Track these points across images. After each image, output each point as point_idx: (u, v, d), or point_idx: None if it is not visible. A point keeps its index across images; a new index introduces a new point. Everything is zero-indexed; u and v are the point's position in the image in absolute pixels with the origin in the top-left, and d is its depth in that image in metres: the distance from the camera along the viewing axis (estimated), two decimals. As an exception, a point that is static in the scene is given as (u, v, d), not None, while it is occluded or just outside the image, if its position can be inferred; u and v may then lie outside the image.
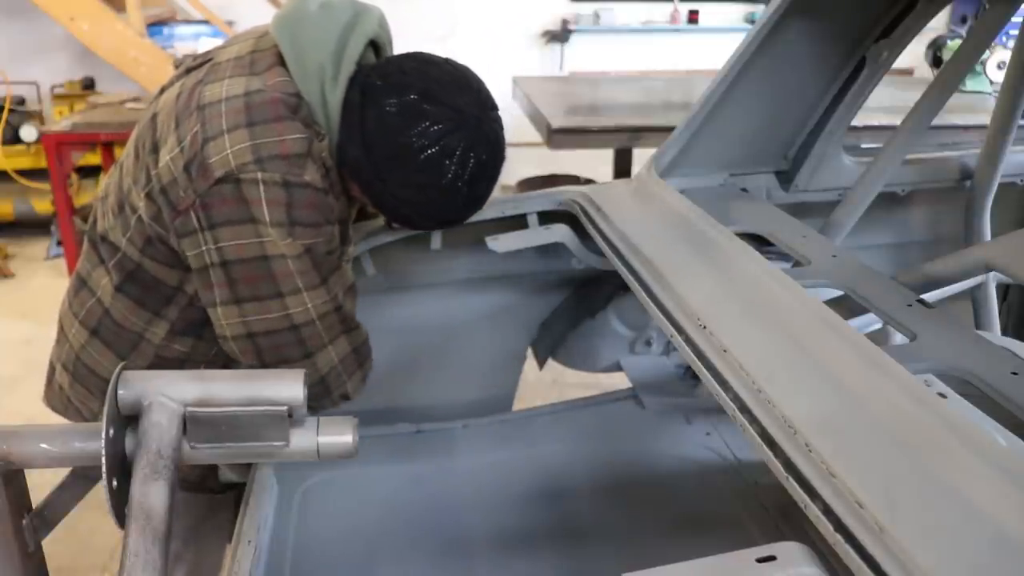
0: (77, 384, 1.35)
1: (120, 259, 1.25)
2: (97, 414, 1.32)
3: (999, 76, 3.44)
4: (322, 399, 1.26)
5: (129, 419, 0.94)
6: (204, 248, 1.12)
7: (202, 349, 1.30)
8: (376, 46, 1.27)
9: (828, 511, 0.74)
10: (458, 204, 1.24)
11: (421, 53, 1.23)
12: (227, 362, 1.28)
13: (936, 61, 3.89)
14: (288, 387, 0.95)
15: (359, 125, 1.17)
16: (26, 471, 0.95)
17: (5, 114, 4.99)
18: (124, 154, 1.29)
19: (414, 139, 1.14)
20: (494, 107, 1.23)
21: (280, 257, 1.12)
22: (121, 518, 0.87)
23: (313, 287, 1.16)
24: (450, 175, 1.17)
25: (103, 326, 1.29)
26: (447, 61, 1.22)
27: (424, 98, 1.15)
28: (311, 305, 1.17)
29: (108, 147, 4.31)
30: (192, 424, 0.94)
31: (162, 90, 1.29)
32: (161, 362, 1.29)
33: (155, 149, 1.19)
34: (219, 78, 1.17)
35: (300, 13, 1.19)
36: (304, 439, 0.99)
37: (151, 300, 1.26)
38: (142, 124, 1.25)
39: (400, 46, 1.35)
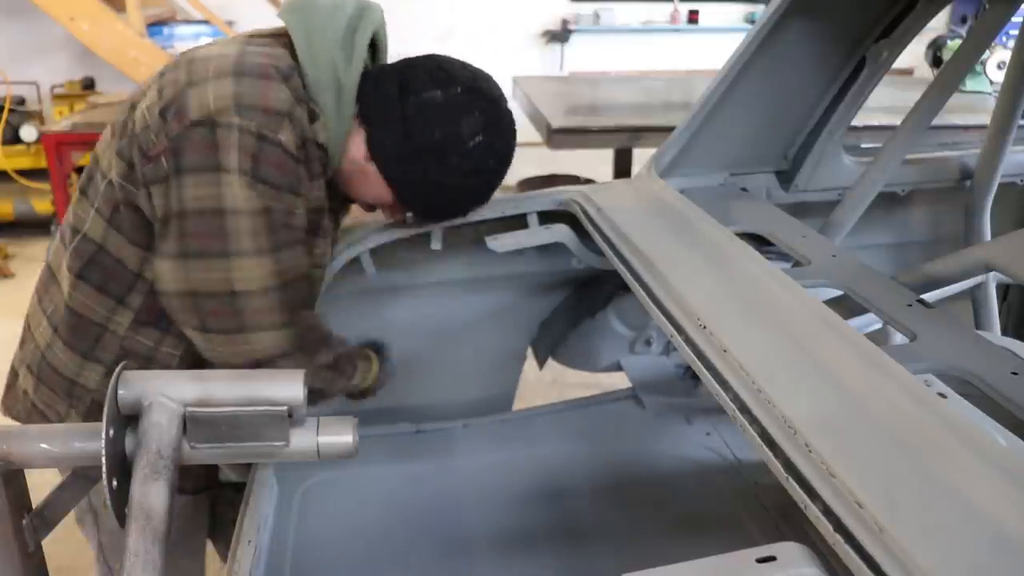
0: (43, 387, 1.30)
1: (80, 243, 1.22)
2: (64, 417, 1.28)
3: (999, 76, 3.45)
4: None
5: (129, 419, 0.94)
6: (168, 197, 1.11)
7: (168, 344, 1.26)
8: (374, 44, 1.29)
9: (828, 511, 0.74)
10: (488, 188, 1.34)
11: (436, 55, 1.30)
12: (195, 362, 1.24)
13: (936, 61, 3.89)
14: (288, 387, 0.95)
15: (400, 115, 1.21)
16: (26, 471, 0.95)
17: (5, 114, 4.99)
18: (99, 142, 1.28)
19: (464, 128, 1.22)
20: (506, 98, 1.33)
21: (235, 213, 1.10)
22: (121, 518, 0.87)
23: (261, 253, 1.12)
24: (492, 161, 1.27)
25: (64, 321, 1.25)
26: (465, 61, 1.30)
27: (469, 91, 1.24)
28: (255, 274, 1.13)
29: (108, 147, 4.30)
30: (192, 424, 0.94)
31: None
32: (126, 356, 1.24)
33: (133, 108, 1.18)
34: (215, 43, 1.22)
35: (309, 2, 1.22)
36: (304, 439, 0.99)
37: (113, 286, 1.22)
38: (119, 110, 1.25)
39: (400, 46, 1.36)
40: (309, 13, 1.21)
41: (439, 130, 1.22)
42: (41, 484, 0.97)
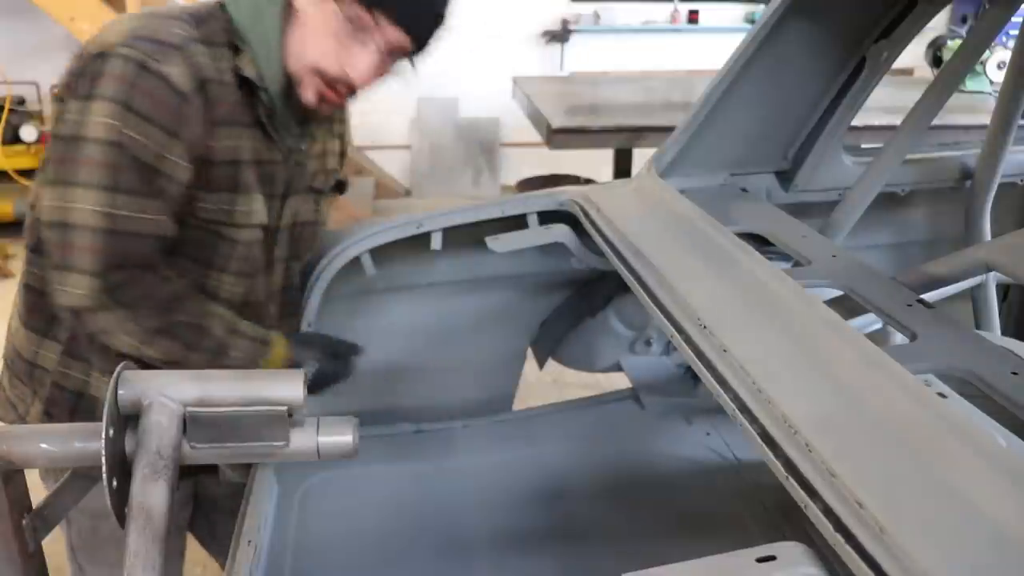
0: (13, 377, 1.31)
1: (31, 221, 1.21)
2: (29, 407, 1.28)
3: (999, 76, 3.45)
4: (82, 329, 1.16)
5: (129, 419, 0.94)
6: (52, 124, 1.12)
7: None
8: None
9: (828, 511, 0.74)
10: None
11: None
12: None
13: (936, 61, 3.89)
14: (288, 387, 0.95)
15: None
16: (26, 471, 0.95)
17: (5, 114, 4.99)
18: None
19: None
20: None
21: (90, 141, 1.07)
22: (121, 518, 0.87)
23: (98, 188, 1.07)
24: None
25: (23, 301, 1.26)
26: None
27: None
28: (86, 208, 1.07)
29: (108, 147, 4.31)
30: (192, 424, 0.94)
31: None
32: (74, 344, 1.23)
33: None
34: None
35: None
36: (304, 439, 0.99)
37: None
38: None
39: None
40: None
41: None
42: (41, 484, 0.97)
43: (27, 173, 4.95)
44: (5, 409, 1.33)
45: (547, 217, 1.59)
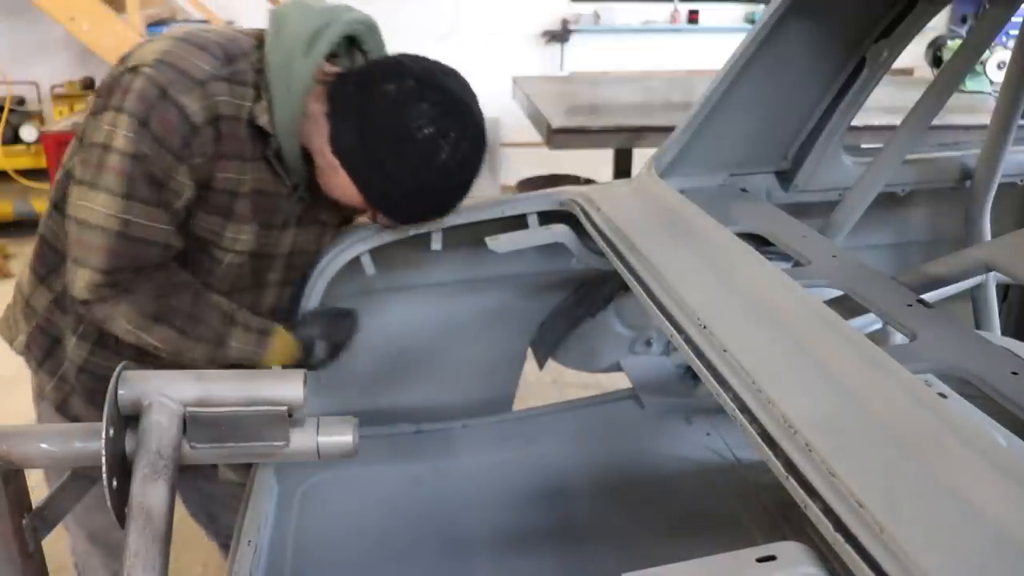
0: (15, 304, 1.43)
1: (60, 178, 1.30)
2: (17, 335, 1.41)
3: (999, 76, 3.45)
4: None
5: (129, 419, 0.94)
6: (87, 127, 1.20)
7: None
8: (363, 51, 1.34)
9: (828, 511, 0.74)
10: (451, 187, 1.31)
11: (407, 53, 1.31)
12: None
13: (936, 61, 3.89)
14: (288, 387, 0.95)
15: (356, 110, 1.24)
16: (26, 471, 0.95)
17: (5, 114, 4.99)
18: None
19: (413, 120, 1.22)
20: (477, 99, 1.31)
21: (113, 150, 1.15)
22: (121, 518, 0.87)
23: (113, 192, 1.15)
24: (444, 156, 1.24)
25: (36, 248, 1.37)
26: (432, 59, 1.31)
27: (420, 83, 1.24)
28: (100, 210, 1.15)
29: (108, 147, 4.30)
30: (192, 424, 0.94)
31: None
32: (63, 298, 1.32)
33: None
34: None
35: (302, 1, 1.28)
36: (304, 439, 0.99)
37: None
38: None
39: (400, 46, 1.37)
40: (292, 8, 1.26)
41: (389, 121, 1.23)
42: (41, 484, 0.97)
43: (27, 173, 4.95)
44: (4, 328, 1.46)
45: (547, 217, 1.59)
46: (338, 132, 1.25)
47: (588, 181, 3.66)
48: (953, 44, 3.83)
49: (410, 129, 1.22)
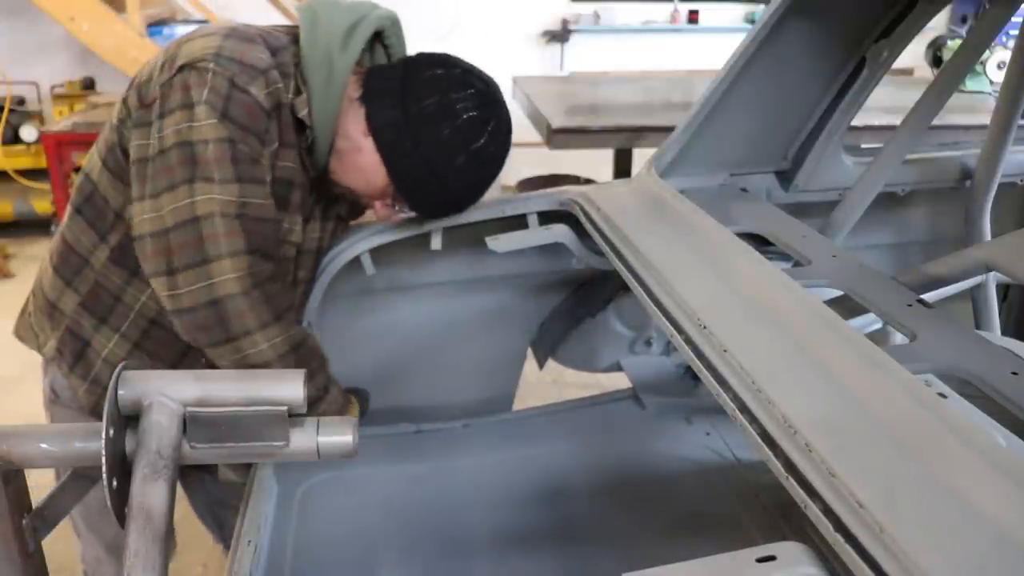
0: (36, 309, 1.41)
1: (83, 180, 1.32)
2: (46, 341, 1.38)
3: (999, 76, 3.44)
4: (215, 333, 1.18)
5: (129, 419, 0.94)
6: (149, 140, 1.17)
7: (135, 286, 1.31)
8: (384, 44, 1.37)
9: (828, 511, 0.74)
10: (477, 177, 1.34)
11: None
12: (158, 311, 1.29)
13: (936, 61, 3.89)
14: (288, 387, 0.95)
15: (399, 89, 1.27)
16: (26, 471, 0.95)
17: (5, 114, 4.99)
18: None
19: (459, 101, 1.26)
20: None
21: (203, 142, 1.14)
22: (121, 518, 0.87)
23: (224, 180, 1.15)
24: (482, 141, 1.28)
25: (57, 249, 1.36)
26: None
27: (467, 72, 1.30)
28: (217, 197, 1.15)
29: (108, 147, 4.31)
30: (192, 424, 0.94)
31: None
32: (99, 291, 1.31)
33: (144, 66, 1.27)
34: None
35: (329, 0, 1.31)
36: (304, 439, 0.99)
37: (99, 223, 1.30)
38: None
39: (400, 45, 1.38)
40: (321, 5, 1.29)
41: (434, 101, 1.25)
42: (41, 484, 0.97)
43: (27, 173, 4.96)
44: (29, 335, 1.43)
45: (547, 217, 1.59)
46: (376, 110, 1.27)
47: (588, 181, 3.66)
48: (953, 44, 3.83)
49: (456, 109, 1.25)
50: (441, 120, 1.26)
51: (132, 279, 1.30)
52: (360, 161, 1.30)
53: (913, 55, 2.91)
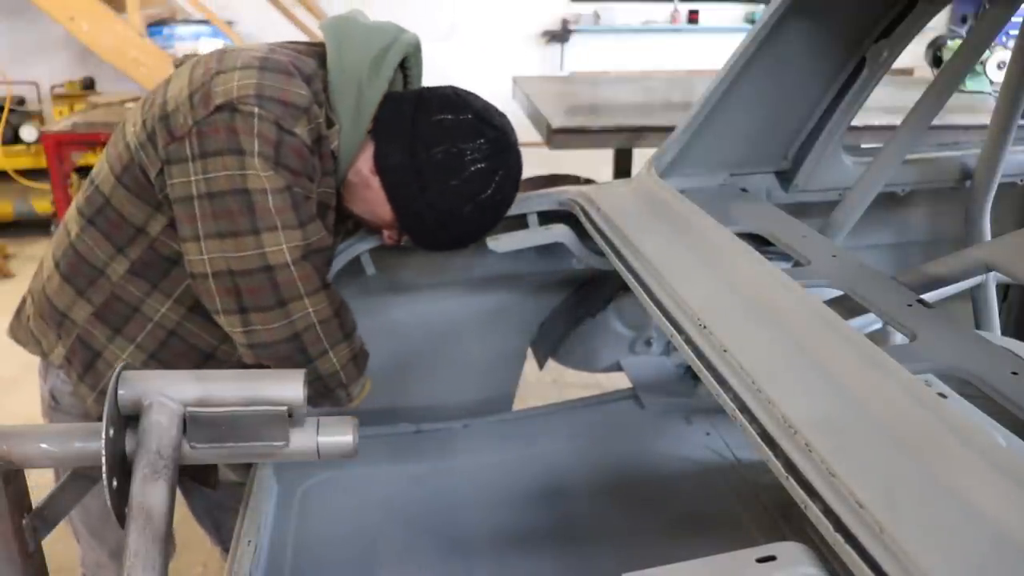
0: (38, 316, 1.38)
1: (92, 192, 1.29)
2: (52, 347, 1.36)
3: (999, 76, 3.44)
4: (295, 362, 1.23)
5: (129, 419, 0.94)
6: (192, 178, 1.16)
7: (155, 298, 1.30)
8: (406, 71, 1.37)
9: (828, 511, 0.74)
10: (483, 222, 1.35)
11: (458, 87, 1.34)
12: (179, 321, 1.31)
13: (936, 61, 3.89)
14: (288, 387, 0.95)
15: (410, 131, 1.26)
16: (26, 471, 0.95)
17: (5, 114, 4.99)
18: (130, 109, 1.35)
19: (468, 152, 1.25)
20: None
21: (261, 192, 1.15)
22: (121, 518, 0.87)
23: (290, 227, 1.18)
24: (489, 191, 1.28)
25: (67, 259, 1.33)
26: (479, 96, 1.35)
27: (479, 119, 1.28)
28: (286, 246, 1.17)
29: (108, 147, 4.31)
30: (192, 424, 0.94)
31: None
32: (115, 302, 1.30)
33: (167, 82, 1.25)
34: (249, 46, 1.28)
35: (351, 18, 1.31)
36: (304, 439, 0.99)
37: (116, 236, 1.28)
38: (151, 90, 1.30)
39: (400, 46, 1.37)
40: (347, 27, 1.28)
41: (443, 149, 1.25)
42: (41, 484, 0.97)
43: (27, 173, 4.96)
44: (28, 340, 1.41)
45: (547, 217, 1.59)
46: (385, 151, 1.28)
47: (588, 181, 3.65)
48: (953, 44, 3.83)
49: (464, 161, 1.25)
50: (449, 170, 1.26)
51: (152, 291, 1.30)
52: (368, 196, 1.32)
53: (913, 55, 2.91)
